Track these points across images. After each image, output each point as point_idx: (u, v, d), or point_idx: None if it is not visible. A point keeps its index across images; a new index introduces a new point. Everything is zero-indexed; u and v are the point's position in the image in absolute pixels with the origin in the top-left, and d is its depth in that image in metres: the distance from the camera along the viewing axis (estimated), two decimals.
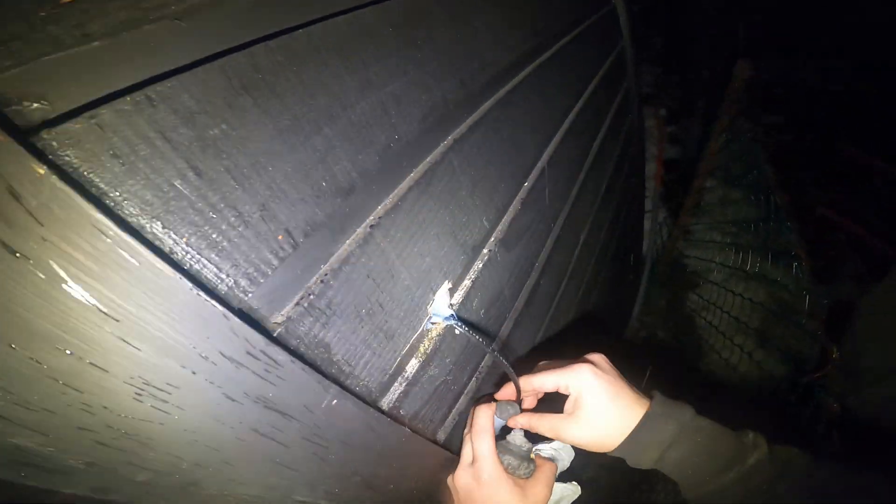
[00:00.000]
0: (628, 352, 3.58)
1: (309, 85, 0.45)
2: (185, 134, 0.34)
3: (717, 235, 3.80)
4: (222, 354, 0.36)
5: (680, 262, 4.01)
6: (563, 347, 1.34)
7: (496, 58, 0.84)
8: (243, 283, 0.40)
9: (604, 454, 0.68)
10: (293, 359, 0.42)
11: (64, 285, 0.27)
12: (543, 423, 0.71)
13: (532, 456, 0.76)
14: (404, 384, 0.66)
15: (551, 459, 0.79)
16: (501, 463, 0.71)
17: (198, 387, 0.35)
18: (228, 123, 0.37)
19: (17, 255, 0.25)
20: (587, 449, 0.69)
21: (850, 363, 2.63)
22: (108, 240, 0.28)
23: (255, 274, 0.41)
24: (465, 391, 0.86)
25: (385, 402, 0.63)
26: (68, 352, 0.28)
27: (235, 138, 0.38)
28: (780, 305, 2.94)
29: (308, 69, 0.45)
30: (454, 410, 0.84)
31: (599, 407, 0.66)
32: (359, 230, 0.53)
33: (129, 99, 0.31)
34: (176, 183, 0.34)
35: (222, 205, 0.37)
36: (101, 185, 0.30)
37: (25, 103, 0.27)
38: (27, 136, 0.26)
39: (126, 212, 0.32)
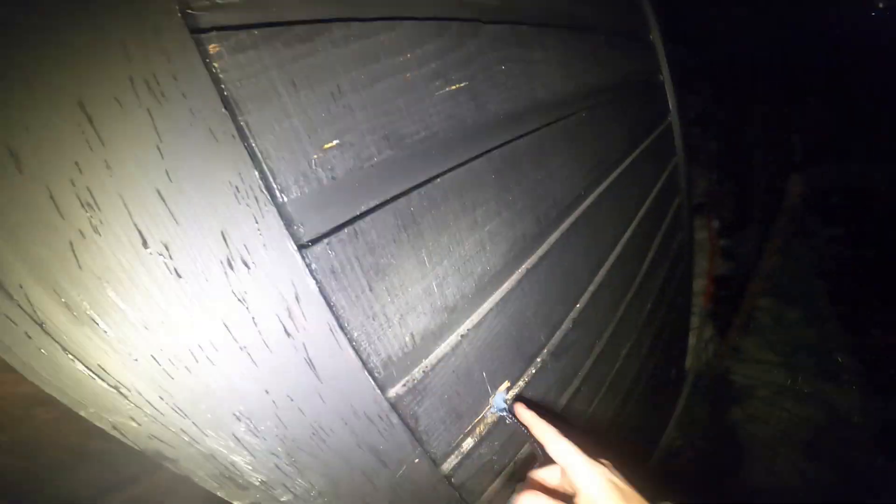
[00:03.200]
0: (660, 460, 3.62)
1: (438, 225, 0.67)
2: (370, 261, 0.56)
3: (770, 355, 3.87)
4: (365, 413, 0.55)
5: (726, 378, 4.07)
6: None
7: (564, 194, 1.05)
8: (378, 364, 0.60)
9: None
10: (402, 422, 0.61)
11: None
12: None
13: None
14: (460, 457, 0.83)
15: None
16: None
17: (344, 433, 0.54)
18: (392, 255, 0.59)
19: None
20: None
21: None
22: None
23: (386, 359, 0.61)
24: (502, 472, 1.02)
25: (443, 470, 0.80)
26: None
27: (394, 266, 0.60)
28: (833, 418, 3.01)
29: (439, 211, 0.67)
30: (490, 489, 0.99)
31: None
32: (451, 337, 0.73)
33: (345, 231, 0.53)
34: (359, 296, 0.55)
35: (379, 312, 0.58)
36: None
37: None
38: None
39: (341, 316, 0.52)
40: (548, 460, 0.80)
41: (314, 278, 0.47)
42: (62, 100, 0.32)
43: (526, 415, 0.81)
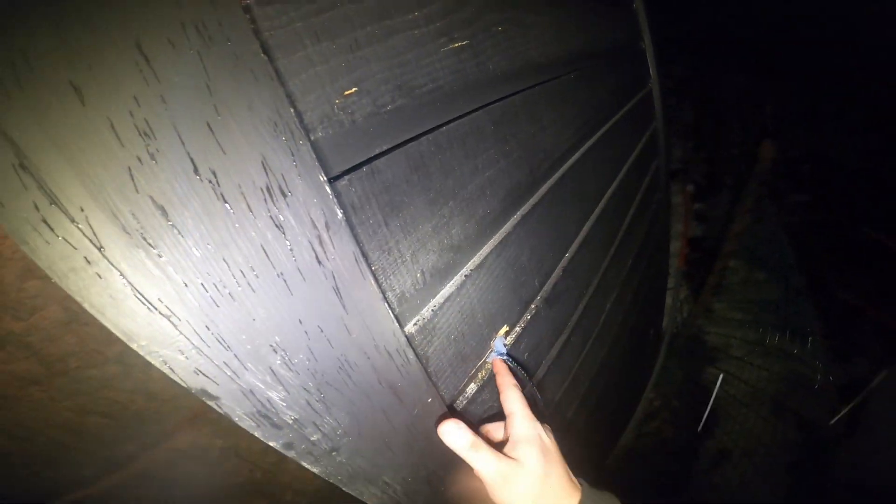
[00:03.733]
0: (638, 421, 3.74)
1: (445, 168, 0.70)
2: (385, 198, 0.59)
3: (738, 314, 3.99)
4: (385, 348, 0.58)
5: (699, 338, 4.18)
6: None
7: (554, 149, 1.09)
8: (394, 299, 0.63)
9: None
10: (417, 359, 0.64)
11: None
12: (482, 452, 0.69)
13: None
14: (465, 402, 0.86)
15: None
16: None
17: (367, 368, 0.57)
18: (404, 194, 0.62)
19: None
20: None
21: (868, 428, 2.86)
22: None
23: (401, 295, 0.64)
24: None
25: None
26: None
27: (406, 204, 0.63)
28: (797, 377, 3.14)
29: (445, 156, 0.70)
30: None
31: (537, 474, 0.68)
32: (456, 277, 0.77)
33: (364, 169, 0.56)
34: (376, 230, 0.58)
35: (394, 247, 0.61)
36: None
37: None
38: None
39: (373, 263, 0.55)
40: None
41: (342, 208, 0.50)
42: (121, 41, 0.34)
43: (498, 365, 0.85)
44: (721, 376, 3.72)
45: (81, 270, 0.36)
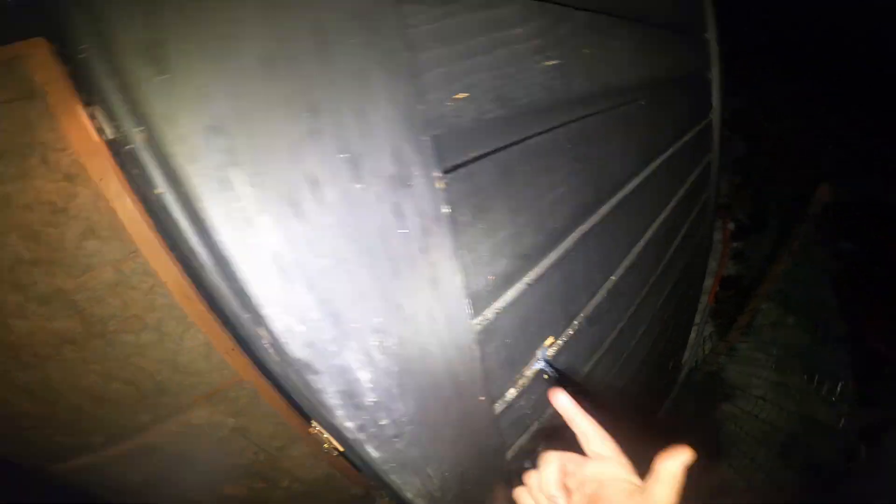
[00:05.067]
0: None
1: (526, 179, 0.75)
2: (474, 201, 0.64)
3: (762, 355, 3.96)
4: (457, 342, 0.62)
5: (718, 375, 4.15)
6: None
7: (618, 172, 1.13)
8: (469, 297, 0.67)
9: None
10: (480, 356, 0.69)
11: None
12: None
13: None
14: (504, 405, 0.90)
15: None
16: None
17: (441, 359, 0.61)
18: (491, 198, 0.67)
19: None
20: None
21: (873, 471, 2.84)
22: None
23: (474, 294, 0.68)
24: (528, 429, 1.08)
25: (494, 412, 0.87)
26: None
27: (492, 209, 0.68)
28: (812, 420, 3.12)
29: (527, 168, 0.75)
30: (517, 443, 1.06)
31: None
32: (519, 284, 0.80)
33: (461, 171, 0.60)
34: (465, 230, 0.62)
35: (477, 247, 0.66)
36: None
37: None
38: None
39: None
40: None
41: (447, 204, 0.55)
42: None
43: (565, 404, 0.72)
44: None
45: (239, 230, 0.41)
